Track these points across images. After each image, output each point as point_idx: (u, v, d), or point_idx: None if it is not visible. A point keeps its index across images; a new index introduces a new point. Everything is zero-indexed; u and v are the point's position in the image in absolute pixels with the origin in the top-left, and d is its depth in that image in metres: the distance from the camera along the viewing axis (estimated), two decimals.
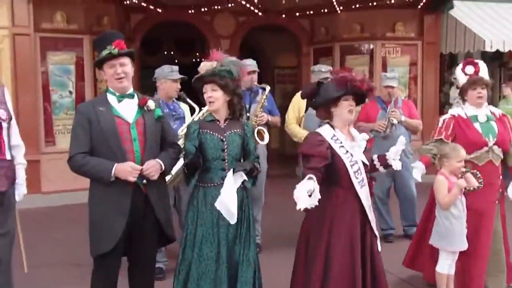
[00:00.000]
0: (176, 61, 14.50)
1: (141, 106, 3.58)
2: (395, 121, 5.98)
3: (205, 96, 3.70)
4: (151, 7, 9.71)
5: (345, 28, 10.68)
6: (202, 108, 4.89)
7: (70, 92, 8.83)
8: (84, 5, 8.83)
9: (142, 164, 3.43)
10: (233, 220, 3.57)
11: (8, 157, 3.50)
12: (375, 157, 3.79)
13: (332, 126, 3.62)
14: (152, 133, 3.57)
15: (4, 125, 3.48)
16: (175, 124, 5.03)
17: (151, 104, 3.60)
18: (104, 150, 3.45)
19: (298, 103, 6.12)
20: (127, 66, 3.55)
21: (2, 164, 3.46)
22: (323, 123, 3.71)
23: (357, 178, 3.52)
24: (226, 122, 3.76)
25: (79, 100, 8.76)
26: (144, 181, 3.45)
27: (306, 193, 3.08)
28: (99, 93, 8.96)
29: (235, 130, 3.75)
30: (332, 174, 3.50)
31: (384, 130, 5.95)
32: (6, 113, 3.51)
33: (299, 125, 6.12)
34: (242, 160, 3.80)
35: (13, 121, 3.63)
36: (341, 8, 10.13)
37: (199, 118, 4.16)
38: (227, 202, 3.53)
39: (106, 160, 3.41)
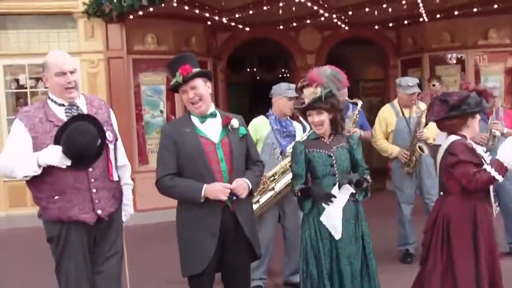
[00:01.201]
0: (258, 77, 14.65)
1: (225, 125, 3.56)
2: (497, 133, 5.70)
3: (310, 119, 3.74)
4: (238, 25, 9.82)
5: (434, 37, 10.38)
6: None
7: (161, 112, 9.08)
8: (173, 26, 9.07)
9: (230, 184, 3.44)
10: (337, 235, 3.56)
11: (115, 178, 3.57)
12: None
13: (463, 137, 3.62)
14: (238, 152, 3.54)
15: (111, 146, 3.54)
16: (284, 141, 5.05)
17: (234, 122, 3.57)
18: (191, 171, 3.44)
19: (384, 118, 5.99)
20: (200, 88, 3.51)
21: (110, 185, 3.53)
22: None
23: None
24: (331, 137, 3.76)
25: (170, 119, 8.99)
26: (234, 197, 3.43)
27: None
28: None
29: (341, 144, 3.76)
30: None
31: (486, 143, 5.67)
32: (112, 134, 3.57)
33: (387, 140, 5.98)
34: (352, 173, 3.78)
35: (119, 142, 3.70)
36: (428, 17, 9.84)
37: (305, 137, 4.16)
38: (331, 217, 3.53)
39: (195, 181, 3.40)
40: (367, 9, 8.94)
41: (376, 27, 10.76)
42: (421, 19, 9.86)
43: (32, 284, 5.83)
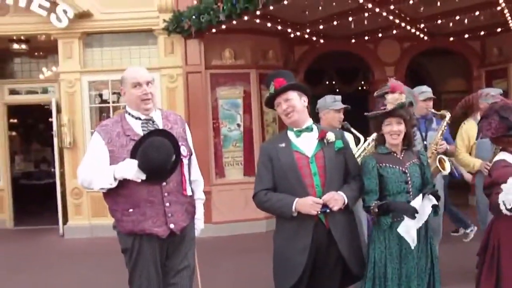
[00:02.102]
0: (337, 90, 14.50)
1: (321, 139, 3.52)
2: None
3: (388, 128, 3.56)
4: (314, 38, 9.77)
5: None
6: (367, 138, 4.75)
7: (238, 125, 9.16)
8: (251, 41, 9.15)
9: None
10: (413, 244, 3.42)
11: (189, 192, 3.59)
12: None
13: None
14: (333, 166, 3.48)
15: (185, 161, 3.57)
16: None
17: (330, 136, 3.52)
18: (285, 186, 3.45)
19: (467, 131, 5.75)
20: (293, 100, 3.51)
21: (183, 200, 3.55)
22: (497, 149, 3.59)
23: None
24: (403, 153, 3.62)
25: (247, 133, 9.07)
26: (328, 210, 3.36)
27: None
28: (266, 125, 9.21)
29: (413, 161, 3.61)
30: None
31: None
32: (187, 149, 3.60)
33: (469, 154, 5.72)
34: None
35: (193, 157, 3.73)
36: None
37: (372, 151, 4.01)
38: (411, 228, 3.38)
39: (288, 196, 3.40)
40: (449, 19, 8.65)
41: (459, 37, 10.39)
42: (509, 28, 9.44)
43: None
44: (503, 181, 3.21)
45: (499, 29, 9.73)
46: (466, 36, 10.34)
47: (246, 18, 7.51)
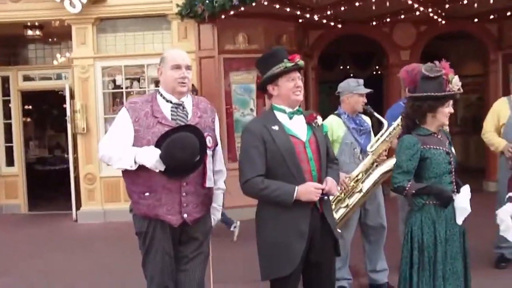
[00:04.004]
0: (352, 75, 14.38)
1: (310, 122, 3.40)
2: None
3: (448, 110, 3.54)
4: (330, 23, 9.66)
5: None
6: (393, 122, 4.69)
7: (252, 110, 9.11)
8: (264, 25, 9.06)
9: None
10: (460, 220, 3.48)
11: (209, 185, 3.53)
12: None
13: None
14: (323, 150, 3.38)
15: (209, 152, 3.51)
16: (362, 139, 4.87)
17: (319, 119, 3.44)
18: (281, 171, 3.24)
19: (497, 110, 5.66)
20: (301, 80, 3.40)
21: (201, 191, 3.51)
22: None
23: None
24: (439, 134, 3.61)
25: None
26: (325, 197, 3.30)
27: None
28: None
29: (448, 141, 3.62)
30: None
31: None
32: (213, 140, 3.53)
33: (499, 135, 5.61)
34: None
35: (219, 147, 3.67)
36: None
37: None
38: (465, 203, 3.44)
39: (284, 183, 3.22)
40: (466, 1, 8.48)
41: (476, 20, 10.21)
42: None
43: (121, 276, 6.03)
44: None
45: None
46: (483, 19, 10.14)
47: (260, 1, 7.43)
